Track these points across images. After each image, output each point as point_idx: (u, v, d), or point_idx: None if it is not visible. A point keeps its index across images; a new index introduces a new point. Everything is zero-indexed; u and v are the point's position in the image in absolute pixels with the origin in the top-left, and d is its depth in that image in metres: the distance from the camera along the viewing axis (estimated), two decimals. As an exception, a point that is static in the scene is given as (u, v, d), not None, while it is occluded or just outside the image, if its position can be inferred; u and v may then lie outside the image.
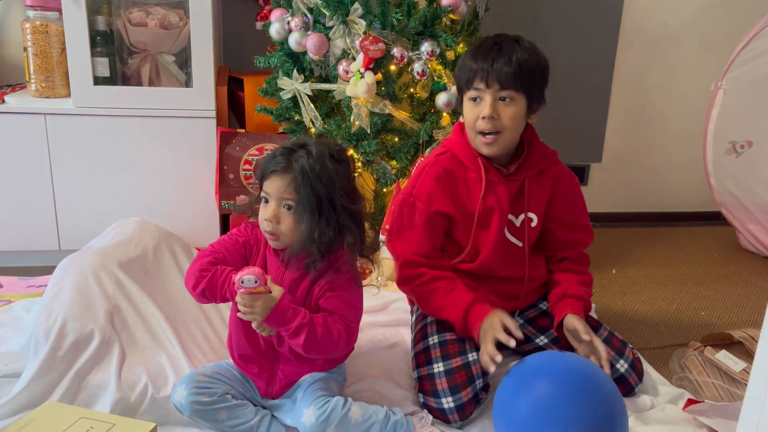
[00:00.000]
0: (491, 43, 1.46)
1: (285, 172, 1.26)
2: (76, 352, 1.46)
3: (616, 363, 1.53)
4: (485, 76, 1.43)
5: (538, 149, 1.56)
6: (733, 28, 2.75)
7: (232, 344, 1.40)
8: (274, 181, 1.27)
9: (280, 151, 1.29)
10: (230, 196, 2.28)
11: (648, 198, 3.18)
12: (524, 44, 1.46)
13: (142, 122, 2.20)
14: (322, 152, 1.27)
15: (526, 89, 1.45)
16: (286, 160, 1.26)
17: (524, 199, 1.56)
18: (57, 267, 1.67)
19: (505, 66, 1.42)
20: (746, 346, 1.67)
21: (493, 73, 1.43)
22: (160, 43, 2.22)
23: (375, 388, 1.52)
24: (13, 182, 2.19)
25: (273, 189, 1.27)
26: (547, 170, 1.58)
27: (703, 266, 2.63)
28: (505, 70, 1.42)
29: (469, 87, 1.48)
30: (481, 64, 1.44)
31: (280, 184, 1.26)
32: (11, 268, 2.25)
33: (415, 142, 2.13)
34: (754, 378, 0.89)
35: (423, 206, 1.53)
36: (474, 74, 1.45)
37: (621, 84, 3.03)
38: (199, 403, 1.29)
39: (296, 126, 2.20)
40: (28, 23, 2.18)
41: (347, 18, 2.00)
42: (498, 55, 1.43)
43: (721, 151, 2.70)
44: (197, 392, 1.30)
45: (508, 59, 1.42)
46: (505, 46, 1.44)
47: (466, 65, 1.48)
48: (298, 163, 1.25)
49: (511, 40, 1.47)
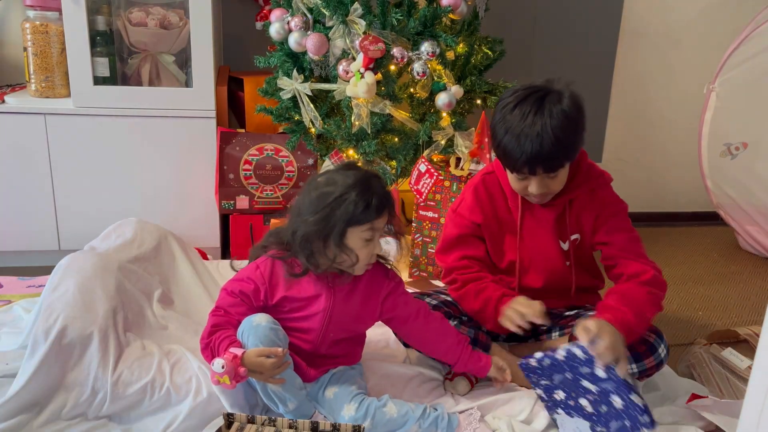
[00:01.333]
0: (531, 122, 1.36)
1: (388, 208, 1.34)
2: (76, 352, 1.46)
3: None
4: (533, 169, 1.40)
5: (586, 172, 1.52)
6: (733, 28, 2.75)
7: None
8: (381, 220, 1.33)
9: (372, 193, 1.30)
10: (230, 196, 2.28)
11: (648, 198, 3.18)
12: (563, 107, 1.38)
13: (142, 122, 2.20)
14: (375, 174, 1.38)
15: (569, 158, 1.43)
16: (381, 197, 1.32)
17: (566, 223, 1.56)
18: (56, 266, 1.67)
19: (549, 154, 1.36)
20: (751, 344, 1.68)
21: (540, 165, 1.39)
22: (160, 43, 2.22)
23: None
24: (13, 182, 2.19)
25: (381, 226, 1.35)
26: (595, 194, 1.54)
27: (703, 266, 2.63)
28: (551, 159, 1.38)
29: (513, 171, 1.45)
30: (526, 157, 1.37)
31: (383, 220, 1.35)
32: (11, 268, 2.25)
33: (415, 143, 2.13)
34: (755, 376, 0.89)
35: (463, 220, 1.59)
36: (519, 166, 1.41)
37: (621, 84, 3.03)
38: (276, 331, 1.32)
39: (296, 126, 2.20)
40: (28, 23, 2.18)
41: (347, 18, 2.00)
42: (541, 145, 1.35)
43: (716, 154, 2.71)
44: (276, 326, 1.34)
45: (551, 144, 1.35)
46: (545, 126, 1.35)
47: (507, 150, 1.40)
48: (388, 194, 1.34)
49: (548, 111, 1.36)
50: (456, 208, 1.63)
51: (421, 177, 2.09)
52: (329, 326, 1.40)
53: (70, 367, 1.45)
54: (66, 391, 1.42)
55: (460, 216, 1.61)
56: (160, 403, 1.44)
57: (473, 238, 1.61)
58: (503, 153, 1.43)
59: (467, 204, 1.60)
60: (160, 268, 1.85)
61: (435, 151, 2.11)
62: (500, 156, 1.46)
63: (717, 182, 2.74)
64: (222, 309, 1.37)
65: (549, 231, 1.56)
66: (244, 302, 1.38)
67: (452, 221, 1.63)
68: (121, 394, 1.42)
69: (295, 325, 1.40)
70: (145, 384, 1.44)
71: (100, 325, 1.50)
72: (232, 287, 1.39)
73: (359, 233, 1.31)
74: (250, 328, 1.31)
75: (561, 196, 1.53)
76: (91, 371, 1.44)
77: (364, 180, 1.32)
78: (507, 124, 1.39)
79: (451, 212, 1.63)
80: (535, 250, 1.59)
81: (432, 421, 1.38)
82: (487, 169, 1.63)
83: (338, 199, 1.29)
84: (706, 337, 1.81)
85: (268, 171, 2.29)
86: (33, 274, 2.16)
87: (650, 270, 1.49)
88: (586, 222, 1.56)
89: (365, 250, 1.33)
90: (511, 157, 1.41)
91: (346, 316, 1.41)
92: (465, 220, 1.60)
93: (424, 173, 2.09)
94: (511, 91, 1.44)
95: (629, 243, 1.54)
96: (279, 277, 1.38)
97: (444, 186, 2.11)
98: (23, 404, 1.38)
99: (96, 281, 1.60)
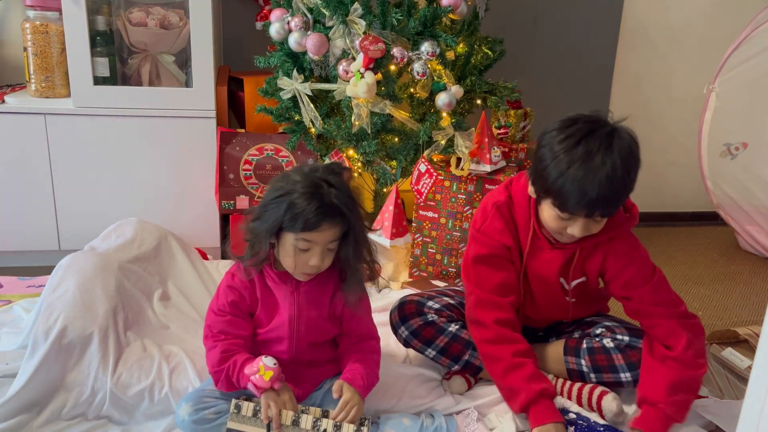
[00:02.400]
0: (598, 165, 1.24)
1: (330, 223, 1.23)
2: (76, 352, 1.46)
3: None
4: (590, 213, 1.30)
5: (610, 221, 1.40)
6: (733, 28, 2.75)
7: None
8: (319, 234, 1.23)
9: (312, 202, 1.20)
10: (230, 196, 2.28)
11: (648, 198, 3.17)
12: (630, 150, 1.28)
13: (142, 122, 2.20)
14: (339, 179, 1.26)
15: (623, 204, 1.36)
16: (323, 210, 1.21)
17: (571, 267, 1.50)
18: (57, 266, 1.67)
19: (614, 199, 1.29)
20: (751, 344, 1.68)
21: (599, 210, 1.30)
22: (160, 43, 2.22)
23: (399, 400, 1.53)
24: (13, 182, 2.19)
25: (321, 239, 1.25)
26: (603, 245, 1.46)
27: (703, 266, 2.63)
28: (611, 206, 1.30)
29: (564, 212, 1.32)
30: (587, 201, 1.27)
31: (326, 235, 1.24)
32: (11, 268, 2.25)
33: (415, 143, 2.13)
34: (755, 376, 0.89)
35: (491, 240, 1.49)
36: (576, 209, 1.30)
37: (621, 84, 3.03)
38: (201, 421, 1.30)
39: (296, 126, 2.20)
40: (28, 23, 2.18)
41: (347, 18, 2.00)
42: (609, 190, 1.25)
43: (716, 154, 2.71)
44: (201, 408, 1.32)
45: (617, 190, 1.27)
46: (615, 171, 1.24)
47: (565, 191, 1.28)
48: (337, 208, 1.22)
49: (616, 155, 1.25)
50: (480, 227, 1.50)
51: (421, 177, 2.09)
52: (299, 332, 1.37)
53: (70, 367, 1.45)
54: (66, 391, 1.42)
55: (486, 236, 1.49)
56: (160, 407, 1.44)
57: (504, 261, 1.49)
58: (559, 193, 1.29)
59: (495, 225, 1.48)
60: (160, 268, 1.85)
61: (435, 151, 2.11)
62: (553, 194, 1.32)
63: (717, 182, 2.74)
64: (221, 333, 1.34)
65: (554, 271, 1.50)
66: (236, 316, 1.35)
67: (478, 241, 1.50)
68: (121, 395, 1.42)
69: (267, 336, 1.38)
70: (145, 387, 1.44)
71: (100, 325, 1.50)
72: (218, 305, 1.36)
73: (290, 239, 1.25)
74: (179, 423, 1.32)
75: (579, 241, 1.43)
76: (91, 371, 1.44)
77: (315, 187, 1.22)
78: (568, 162, 1.26)
79: (474, 231, 1.51)
80: (538, 285, 1.54)
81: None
82: (503, 194, 1.51)
83: (278, 197, 1.23)
84: (706, 337, 1.81)
85: (268, 171, 2.29)
86: (33, 274, 2.16)
87: (683, 335, 1.41)
88: (593, 266, 1.50)
89: (293, 258, 1.27)
90: (570, 197, 1.28)
91: (315, 320, 1.37)
92: (494, 241, 1.49)
93: (424, 173, 2.09)
94: (566, 122, 1.31)
95: (653, 295, 1.45)
96: (254, 279, 1.36)
97: (444, 186, 2.11)
98: (23, 404, 1.38)
99: (96, 281, 1.60)
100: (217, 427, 1.32)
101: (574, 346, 1.57)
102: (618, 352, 1.51)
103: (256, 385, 1.27)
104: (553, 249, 1.48)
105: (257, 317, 1.38)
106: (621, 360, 1.51)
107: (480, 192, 2.09)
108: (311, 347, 1.40)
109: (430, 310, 1.57)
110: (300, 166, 1.31)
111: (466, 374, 1.60)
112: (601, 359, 1.53)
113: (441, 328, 1.56)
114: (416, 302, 1.59)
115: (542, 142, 1.34)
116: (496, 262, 1.50)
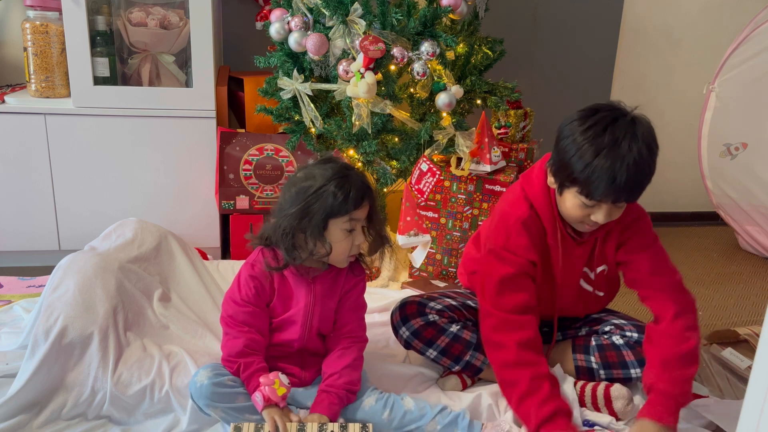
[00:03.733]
0: (625, 152, 1.27)
1: (367, 199, 1.36)
2: (76, 352, 1.46)
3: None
4: (617, 199, 1.32)
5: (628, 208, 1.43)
6: (733, 28, 2.75)
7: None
8: (362, 210, 1.35)
9: (351, 184, 1.32)
10: (230, 196, 2.28)
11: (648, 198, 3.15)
12: (651, 136, 1.31)
13: (142, 122, 2.20)
14: (349, 164, 1.40)
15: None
16: (359, 188, 1.34)
17: (594, 256, 1.52)
18: (57, 266, 1.67)
19: (639, 183, 1.30)
20: (751, 344, 1.68)
21: (625, 194, 1.31)
22: (160, 43, 2.22)
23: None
24: (13, 182, 2.19)
25: (363, 215, 1.36)
26: (616, 225, 1.47)
27: (703, 266, 2.63)
28: (636, 191, 1.32)
29: (591, 199, 1.33)
30: (616, 187, 1.28)
31: (365, 211, 1.37)
32: (11, 268, 2.25)
33: (416, 143, 2.13)
34: (755, 376, 0.89)
35: (517, 258, 1.45)
36: (604, 193, 1.30)
37: (621, 84, 3.03)
38: (220, 385, 1.32)
39: (296, 126, 2.20)
40: (28, 23, 2.18)
41: (347, 18, 2.00)
42: (636, 175, 1.28)
43: (716, 154, 2.71)
44: (220, 374, 1.34)
45: (643, 176, 1.29)
46: (641, 157, 1.27)
47: (593, 179, 1.29)
48: (366, 185, 1.36)
49: (643, 135, 1.29)
50: (503, 244, 1.45)
51: (422, 176, 2.09)
52: (312, 321, 1.43)
53: (70, 367, 1.45)
54: (66, 391, 1.42)
55: (511, 254, 1.44)
56: (161, 406, 1.44)
57: (529, 279, 1.46)
58: (587, 181, 1.30)
59: (521, 241, 1.45)
60: (160, 268, 1.85)
61: (436, 151, 2.10)
62: (581, 183, 1.32)
63: (717, 182, 2.74)
64: (244, 324, 1.38)
65: (581, 265, 1.52)
66: (258, 306, 1.40)
67: (503, 260, 1.45)
68: (121, 394, 1.42)
69: (281, 322, 1.43)
70: (145, 386, 1.44)
71: (100, 325, 1.50)
72: (240, 295, 1.40)
73: (340, 224, 1.34)
74: (195, 390, 1.33)
75: (593, 233, 1.46)
76: (91, 371, 1.44)
77: (342, 172, 1.34)
78: (595, 150, 1.28)
79: (500, 249, 1.45)
80: (566, 286, 1.55)
81: (452, 420, 1.39)
82: (521, 201, 1.48)
83: (317, 191, 1.31)
84: (706, 337, 1.82)
85: (268, 171, 2.29)
86: (33, 274, 2.16)
87: (672, 307, 1.42)
88: (609, 251, 1.51)
89: (346, 242, 1.36)
90: (600, 185, 1.29)
91: (327, 312, 1.45)
92: (522, 259, 1.44)
93: (426, 172, 2.09)
94: (588, 112, 1.33)
95: (651, 262, 1.46)
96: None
97: (444, 186, 2.11)
98: (23, 404, 1.38)
99: (96, 281, 1.60)
100: (233, 395, 1.33)
101: (582, 344, 1.58)
102: (628, 348, 1.52)
103: (266, 397, 1.29)
104: (579, 245, 1.49)
105: (272, 307, 1.43)
106: (631, 356, 1.52)
107: (480, 192, 2.09)
108: (319, 338, 1.47)
109: (432, 311, 1.57)
110: (313, 165, 1.38)
111: (465, 375, 1.60)
112: (611, 356, 1.54)
113: (442, 329, 1.56)
114: (418, 303, 1.59)
115: (564, 133, 1.35)
116: (521, 282, 1.46)
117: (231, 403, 1.33)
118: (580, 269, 1.53)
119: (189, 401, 1.40)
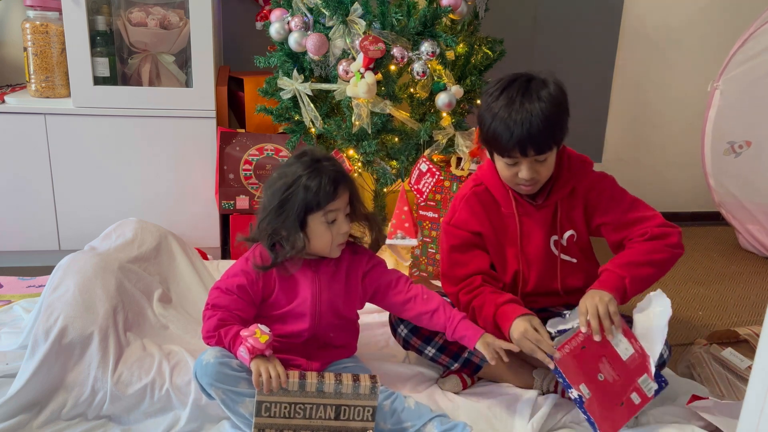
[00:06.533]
0: (518, 105, 1.39)
1: (342, 187, 1.38)
2: (76, 352, 1.46)
3: None
4: (523, 150, 1.40)
5: (568, 168, 1.53)
6: (733, 29, 2.75)
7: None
8: (339, 200, 1.37)
9: (321, 177, 1.34)
10: (230, 196, 2.28)
11: (648, 198, 3.12)
12: (549, 90, 1.42)
13: (142, 122, 2.20)
14: (322, 154, 1.41)
15: (557, 141, 1.44)
16: (333, 178, 1.35)
17: (558, 220, 1.56)
18: (57, 266, 1.67)
19: (539, 134, 1.38)
20: (751, 344, 1.68)
21: (531, 146, 1.40)
22: (160, 43, 2.22)
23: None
24: (13, 182, 2.19)
25: (341, 205, 1.38)
26: (577, 188, 1.55)
27: (703, 266, 2.63)
28: (541, 140, 1.39)
29: (504, 155, 1.44)
30: (517, 138, 1.39)
31: (343, 199, 1.39)
32: (11, 268, 2.25)
33: (415, 143, 2.13)
34: (755, 376, 0.89)
35: (459, 231, 1.56)
36: (509, 148, 1.41)
37: (621, 84, 3.03)
38: (226, 366, 1.31)
39: (296, 126, 2.20)
40: (28, 23, 2.18)
41: (347, 18, 2.00)
42: (530, 124, 1.38)
43: (720, 152, 2.70)
44: (227, 356, 1.33)
45: (540, 124, 1.38)
46: (533, 107, 1.38)
47: (497, 134, 1.41)
48: (340, 173, 1.37)
49: (535, 94, 1.40)
50: (450, 220, 1.59)
51: (422, 176, 2.09)
52: (321, 309, 1.44)
53: (70, 367, 1.45)
54: (66, 391, 1.42)
55: (455, 227, 1.58)
56: (161, 405, 1.44)
57: (475, 248, 1.57)
58: (493, 137, 1.44)
59: (462, 215, 1.57)
60: (160, 268, 1.85)
61: (436, 151, 2.11)
62: (490, 141, 1.46)
63: (720, 181, 2.74)
64: (219, 307, 1.38)
65: (545, 232, 1.56)
66: (241, 298, 1.39)
67: (448, 233, 1.59)
68: (121, 394, 1.42)
69: (289, 312, 1.43)
70: (145, 385, 1.44)
71: (100, 325, 1.50)
72: (226, 284, 1.40)
73: (318, 218, 1.36)
74: (200, 368, 1.32)
75: (550, 197, 1.53)
76: (91, 371, 1.44)
77: (312, 166, 1.35)
78: (494, 109, 1.42)
79: (445, 225, 1.60)
80: (533, 253, 1.57)
81: (450, 428, 1.38)
82: (474, 180, 1.60)
83: (289, 189, 1.34)
84: (706, 337, 1.81)
85: (268, 171, 2.29)
86: (33, 274, 2.16)
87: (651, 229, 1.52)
88: (577, 216, 1.56)
89: (327, 234, 1.38)
90: (501, 139, 1.41)
91: (334, 298, 1.45)
92: (462, 231, 1.57)
93: (425, 172, 2.09)
94: (494, 81, 1.47)
95: (626, 214, 1.54)
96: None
97: (444, 186, 2.11)
98: (23, 404, 1.38)
99: (96, 281, 1.60)
100: (237, 379, 1.31)
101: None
102: None
103: (251, 348, 1.27)
104: (538, 210, 1.54)
105: (274, 299, 1.43)
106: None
107: (480, 192, 2.08)
108: (332, 328, 1.47)
109: None
110: (287, 162, 1.42)
111: (464, 373, 1.60)
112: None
113: None
114: None
115: (481, 101, 1.51)
116: (468, 251, 1.57)
117: (233, 387, 1.31)
118: (545, 233, 1.56)
119: (189, 399, 1.40)
